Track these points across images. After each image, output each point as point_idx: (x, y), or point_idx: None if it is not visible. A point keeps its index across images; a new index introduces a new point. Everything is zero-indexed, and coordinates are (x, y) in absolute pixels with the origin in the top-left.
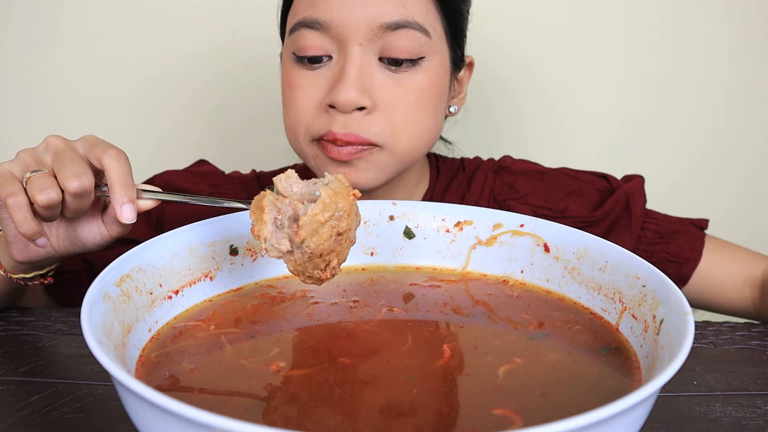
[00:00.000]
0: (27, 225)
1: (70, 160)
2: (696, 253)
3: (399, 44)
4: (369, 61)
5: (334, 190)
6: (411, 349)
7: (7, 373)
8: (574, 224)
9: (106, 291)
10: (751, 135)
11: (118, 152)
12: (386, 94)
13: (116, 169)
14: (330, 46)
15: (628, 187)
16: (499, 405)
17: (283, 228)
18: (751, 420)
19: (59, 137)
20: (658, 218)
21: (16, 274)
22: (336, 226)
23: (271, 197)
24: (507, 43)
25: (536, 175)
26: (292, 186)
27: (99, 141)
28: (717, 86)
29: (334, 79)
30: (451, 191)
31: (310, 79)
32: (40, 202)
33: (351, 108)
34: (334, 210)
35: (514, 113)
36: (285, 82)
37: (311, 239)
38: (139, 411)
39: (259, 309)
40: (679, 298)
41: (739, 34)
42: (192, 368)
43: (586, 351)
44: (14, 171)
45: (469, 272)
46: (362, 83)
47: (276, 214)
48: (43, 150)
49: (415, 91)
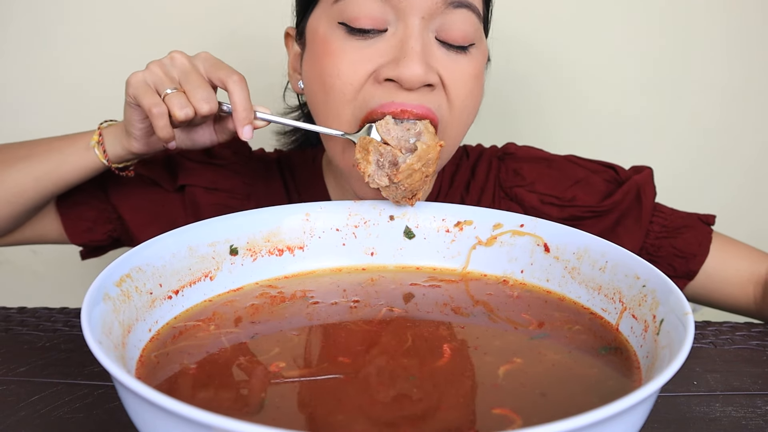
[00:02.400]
0: (167, 131)
1: (198, 84)
2: (703, 249)
3: (457, 25)
4: (428, 37)
5: (428, 143)
6: (411, 349)
7: (7, 373)
8: (583, 213)
9: (106, 291)
10: (751, 133)
11: (239, 77)
12: (449, 74)
13: (239, 94)
14: (389, 17)
15: (639, 179)
16: (499, 405)
17: (383, 168)
18: (751, 420)
19: (182, 54)
20: (666, 212)
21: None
22: (425, 171)
23: (375, 143)
24: (513, 33)
25: (542, 162)
26: (390, 131)
27: (219, 63)
28: (718, 84)
29: (390, 53)
30: (457, 179)
31: (360, 50)
32: (179, 117)
33: (419, 84)
34: (426, 159)
35: (508, 108)
36: (325, 54)
37: (406, 180)
38: (139, 411)
39: (259, 309)
40: (679, 298)
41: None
42: (192, 368)
43: (586, 351)
44: (149, 82)
45: (469, 272)
46: (427, 59)
47: (378, 157)
48: (170, 65)
49: (469, 79)
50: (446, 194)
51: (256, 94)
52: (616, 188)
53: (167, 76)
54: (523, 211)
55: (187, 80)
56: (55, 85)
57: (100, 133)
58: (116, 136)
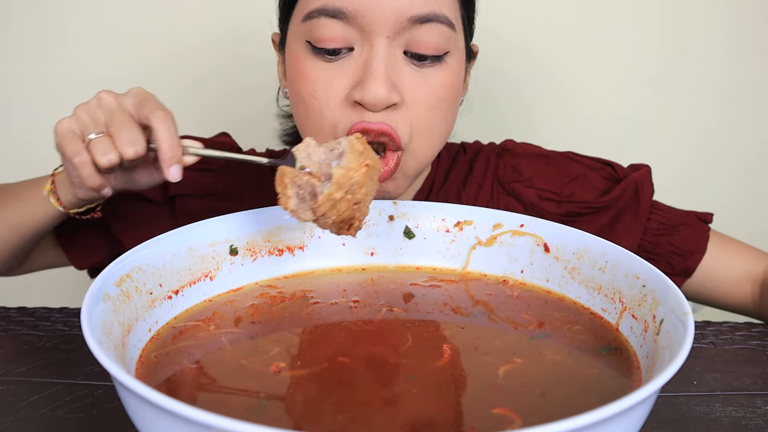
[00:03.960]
0: (93, 180)
1: (123, 125)
2: (701, 247)
3: (426, 39)
4: (395, 54)
5: (347, 167)
6: (411, 349)
7: (7, 373)
8: (581, 209)
9: (106, 291)
10: (752, 133)
11: (164, 113)
12: (413, 89)
13: (163, 131)
14: (353, 37)
15: (637, 176)
16: (499, 405)
17: (305, 200)
18: (751, 420)
19: (111, 94)
20: (664, 210)
21: (73, 209)
22: (352, 198)
23: (290, 174)
24: (510, 35)
25: (541, 159)
26: (311, 155)
27: (146, 99)
28: (718, 84)
29: (357, 73)
30: (453, 175)
31: (329, 71)
32: (102, 164)
33: (382, 107)
34: (348, 186)
35: (510, 106)
36: (298, 75)
37: (330, 212)
38: (139, 411)
39: (259, 309)
40: (679, 298)
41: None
42: (192, 368)
43: (586, 351)
44: (74, 129)
45: (469, 272)
46: (390, 79)
47: (298, 189)
48: (97, 107)
49: (439, 88)
50: (440, 189)
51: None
52: (613, 185)
53: (92, 119)
54: (521, 207)
55: (113, 122)
56: (56, 84)
57: (53, 180)
58: (65, 182)
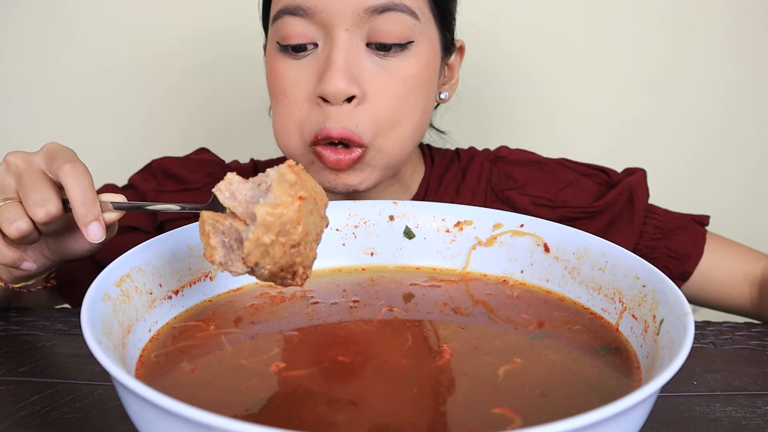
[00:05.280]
0: (4, 255)
1: (32, 186)
2: (697, 250)
3: (387, 28)
4: (356, 47)
5: (273, 203)
6: (411, 349)
7: (7, 373)
8: (575, 215)
9: (106, 291)
10: (753, 135)
11: (73, 166)
12: (375, 81)
13: (74, 187)
14: (315, 33)
15: (632, 180)
16: (499, 404)
17: (232, 249)
18: (751, 420)
19: (19, 154)
20: (660, 213)
21: (17, 284)
22: (286, 241)
23: (210, 221)
24: (505, 37)
25: (534, 165)
26: (235, 194)
27: (56, 152)
28: (715, 85)
29: (321, 69)
30: (446, 181)
31: (297, 69)
32: (11, 235)
33: (341, 98)
34: (278, 227)
35: (509, 109)
36: (271, 74)
37: (264, 261)
38: (139, 411)
39: (259, 309)
40: (679, 298)
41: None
42: (192, 368)
43: (586, 351)
44: None
45: (469, 272)
46: (350, 71)
47: (222, 237)
48: (5, 172)
49: (404, 78)
50: (434, 195)
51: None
52: (607, 190)
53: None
54: None
55: (21, 183)
56: (56, 83)
57: None
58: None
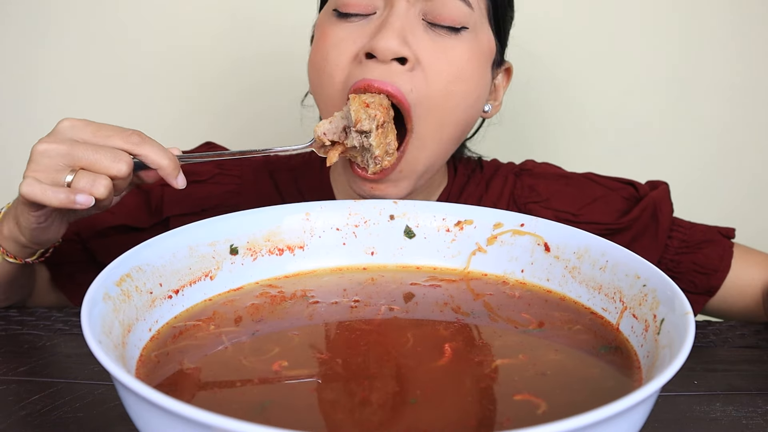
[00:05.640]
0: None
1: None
2: (725, 264)
3: (442, 10)
4: (414, 17)
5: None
6: (411, 348)
7: (7, 373)
8: (599, 231)
9: (106, 291)
10: (761, 138)
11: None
12: (429, 53)
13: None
14: (377, 3)
15: (655, 195)
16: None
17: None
18: (751, 420)
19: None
20: (685, 226)
21: (29, 257)
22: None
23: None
24: (528, 46)
25: (560, 180)
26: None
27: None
28: (727, 87)
29: (373, 31)
30: (468, 191)
31: (346, 31)
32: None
33: (391, 56)
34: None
35: (518, 116)
36: (317, 39)
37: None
38: (139, 411)
39: (260, 308)
40: (680, 297)
41: None
42: (192, 368)
43: (586, 351)
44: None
45: (469, 272)
46: (405, 35)
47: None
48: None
49: (455, 62)
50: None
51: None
52: (633, 205)
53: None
54: None
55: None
56: (56, 83)
57: None
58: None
